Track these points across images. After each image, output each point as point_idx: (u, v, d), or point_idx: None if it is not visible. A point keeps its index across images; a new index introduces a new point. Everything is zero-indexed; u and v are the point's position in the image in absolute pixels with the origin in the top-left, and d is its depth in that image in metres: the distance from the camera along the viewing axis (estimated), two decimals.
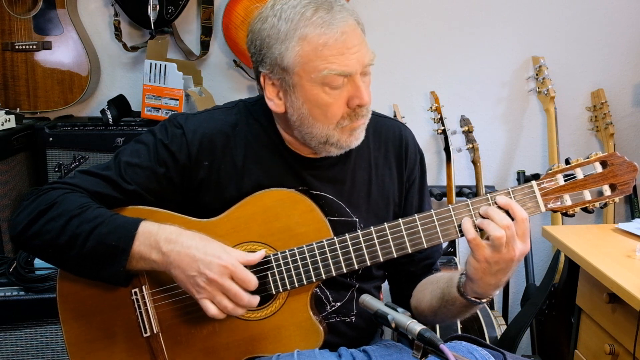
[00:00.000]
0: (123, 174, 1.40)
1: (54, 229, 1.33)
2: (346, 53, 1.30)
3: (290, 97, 1.36)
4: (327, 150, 1.40)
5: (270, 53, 1.33)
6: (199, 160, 1.43)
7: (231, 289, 1.28)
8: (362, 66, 1.33)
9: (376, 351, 1.46)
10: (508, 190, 1.31)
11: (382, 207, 1.51)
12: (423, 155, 1.60)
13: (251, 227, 1.39)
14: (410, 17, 2.78)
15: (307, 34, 1.29)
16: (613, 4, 2.81)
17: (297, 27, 1.30)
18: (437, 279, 1.49)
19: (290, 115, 1.38)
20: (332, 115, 1.35)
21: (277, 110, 1.39)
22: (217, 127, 1.45)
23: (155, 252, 1.30)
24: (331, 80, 1.31)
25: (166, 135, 1.44)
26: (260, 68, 1.38)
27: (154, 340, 1.41)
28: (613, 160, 1.31)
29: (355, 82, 1.33)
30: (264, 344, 1.40)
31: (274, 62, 1.33)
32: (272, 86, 1.38)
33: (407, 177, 1.55)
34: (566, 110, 2.84)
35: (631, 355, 1.68)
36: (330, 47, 1.29)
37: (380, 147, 1.53)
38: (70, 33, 2.55)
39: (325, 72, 1.30)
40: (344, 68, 1.30)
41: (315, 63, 1.30)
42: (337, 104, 1.34)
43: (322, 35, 1.29)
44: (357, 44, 1.32)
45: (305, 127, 1.37)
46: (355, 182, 1.49)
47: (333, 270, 1.36)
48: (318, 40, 1.29)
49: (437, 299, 1.44)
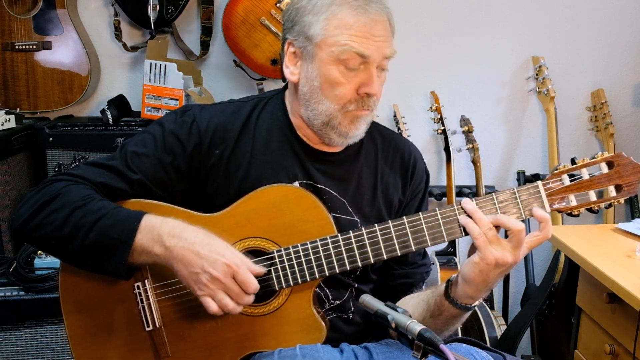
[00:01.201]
0: (129, 163, 1.41)
1: (56, 220, 1.33)
2: (370, 38, 1.35)
3: (307, 67, 1.40)
4: (328, 135, 1.43)
5: (301, 21, 1.39)
6: (211, 149, 1.44)
7: (233, 289, 1.28)
8: (381, 56, 1.37)
9: (377, 348, 1.46)
10: (513, 190, 1.32)
11: (385, 213, 1.52)
12: (429, 175, 1.62)
13: (255, 222, 1.39)
14: (410, 17, 2.78)
15: (339, 12, 1.35)
16: (613, 4, 2.81)
17: (332, 3, 1.36)
18: (418, 294, 1.49)
19: (302, 86, 1.42)
20: (341, 95, 1.38)
21: (291, 78, 1.43)
22: (230, 119, 1.47)
23: (158, 246, 1.30)
24: (348, 58, 1.35)
25: (175, 123, 1.44)
26: (287, 34, 1.43)
27: (156, 334, 1.41)
28: (619, 161, 1.31)
29: (369, 70, 1.37)
30: (266, 339, 1.40)
31: (302, 30, 1.39)
32: (293, 55, 1.43)
33: (411, 192, 1.57)
34: (566, 110, 2.84)
35: (631, 355, 1.68)
36: (357, 29, 1.34)
37: (387, 160, 1.55)
38: (70, 33, 2.55)
39: (345, 47, 1.34)
40: (364, 50, 1.34)
41: (338, 37, 1.35)
42: (348, 85, 1.37)
43: (353, 16, 1.34)
44: (382, 35, 1.36)
45: (312, 102, 1.41)
46: (361, 184, 1.50)
47: (336, 267, 1.36)
48: (348, 20, 1.34)
49: (420, 312, 1.43)
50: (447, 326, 1.42)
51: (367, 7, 1.34)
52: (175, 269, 1.31)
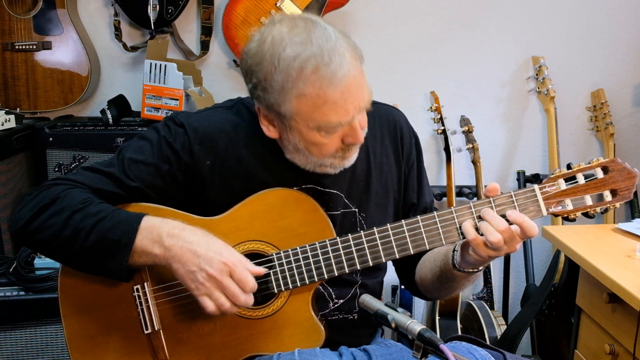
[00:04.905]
0: (127, 170, 1.41)
1: (56, 224, 1.33)
2: (344, 105, 1.29)
3: (286, 133, 1.36)
4: (322, 170, 1.42)
5: (266, 97, 1.32)
6: (201, 159, 1.43)
7: (229, 288, 1.28)
8: (359, 111, 1.33)
9: (377, 350, 1.46)
10: (510, 194, 1.32)
11: (382, 196, 1.52)
12: (417, 136, 1.61)
13: (254, 225, 1.40)
14: (411, 17, 2.78)
15: (307, 93, 1.27)
16: (613, 3, 2.81)
17: (295, 83, 1.26)
18: (434, 257, 1.49)
19: (286, 144, 1.40)
20: (327, 152, 1.37)
21: (272, 136, 1.40)
22: (218, 126, 1.46)
23: (157, 246, 1.30)
24: (328, 129, 1.32)
25: (169, 132, 1.44)
26: (255, 101, 1.37)
27: (154, 337, 1.41)
28: (614, 167, 1.32)
29: (352, 125, 1.33)
30: (265, 342, 1.40)
31: (270, 106, 1.32)
32: (266, 117, 1.38)
33: (406, 162, 1.56)
34: (566, 110, 2.84)
35: (631, 355, 1.68)
36: (331, 104, 1.28)
37: (376, 135, 1.54)
38: (70, 33, 2.55)
39: (322, 124, 1.30)
40: (342, 119, 1.30)
41: (312, 115, 1.30)
42: (333, 142, 1.35)
43: (322, 95, 1.26)
44: (355, 93, 1.30)
45: (299, 156, 1.40)
46: (355, 173, 1.50)
47: (335, 270, 1.37)
48: (317, 100, 1.27)
49: (437, 277, 1.45)
50: (465, 285, 1.45)
51: (332, 79, 1.25)
52: (174, 269, 1.31)
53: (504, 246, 1.27)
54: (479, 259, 1.31)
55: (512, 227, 1.27)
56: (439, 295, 1.54)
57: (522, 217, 1.28)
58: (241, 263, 1.29)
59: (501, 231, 1.26)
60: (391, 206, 1.54)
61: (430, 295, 1.57)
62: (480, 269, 1.38)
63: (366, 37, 2.77)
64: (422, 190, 1.58)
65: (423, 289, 1.55)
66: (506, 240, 1.27)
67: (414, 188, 1.57)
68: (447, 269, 1.41)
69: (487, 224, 1.28)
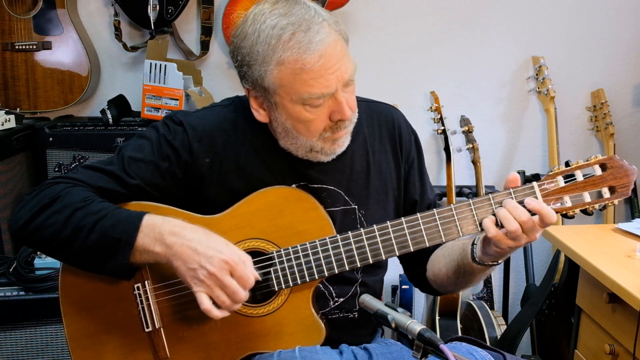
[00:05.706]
0: (127, 168, 1.41)
1: (57, 222, 1.33)
2: (325, 74, 1.30)
3: (274, 112, 1.39)
4: (315, 157, 1.43)
5: (251, 72, 1.35)
6: (200, 157, 1.44)
7: (230, 286, 1.28)
8: (342, 83, 1.33)
9: (377, 349, 1.47)
10: (509, 191, 1.32)
11: (382, 193, 1.53)
12: (416, 134, 1.61)
13: (254, 223, 1.40)
14: (411, 17, 2.78)
15: (285, 59, 1.29)
16: (613, 4, 2.81)
17: (274, 50, 1.30)
18: (449, 251, 1.49)
19: (275, 127, 1.42)
20: (315, 129, 1.38)
21: (262, 120, 1.42)
22: (216, 124, 1.47)
23: (158, 244, 1.30)
24: (312, 101, 1.33)
25: (169, 131, 1.45)
26: (243, 82, 1.41)
27: (155, 335, 1.41)
28: (612, 164, 1.32)
29: (337, 98, 1.34)
30: (265, 340, 1.40)
31: (255, 81, 1.36)
32: (255, 99, 1.41)
33: (405, 160, 1.57)
34: (566, 110, 2.84)
35: (631, 355, 1.68)
36: (309, 71, 1.29)
37: (374, 133, 1.54)
38: (70, 33, 2.55)
39: (305, 95, 1.32)
40: (324, 90, 1.32)
41: (294, 86, 1.31)
42: (320, 118, 1.36)
43: (300, 60, 1.29)
44: (336, 63, 1.31)
45: (289, 138, 1.41)
46: (354, 170, 1.50)
47: (335, 267, 1.37)
48: (295, 65, 1.29)
49: (454, 271, 1.45)
50: (482, 277, 1.46)
51: (309, 45, 1.28)
52: (175, 266, 1.31)
53: (524, 235, 1.28)
54: (500, 251, 1.32)
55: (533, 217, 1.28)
56: (454, 289, 1.54)
57: (540, 204, 1.28)
58: (242, 260, 1.30)
59: (523, 221, 1.27)
60: (391, 203, 1.54)
61: (444, 290, 1.57)
62: (500, 261, 1.39)
63: (366, 37, 2.77)
64: (424, 187, 1.59)
65: (437, 285, 1.55)
66: (526, 230, 1.28)
67: (416, 185, 1.57)
68: (465, 263, 1.41)
69: (506, 213, 1.28)
